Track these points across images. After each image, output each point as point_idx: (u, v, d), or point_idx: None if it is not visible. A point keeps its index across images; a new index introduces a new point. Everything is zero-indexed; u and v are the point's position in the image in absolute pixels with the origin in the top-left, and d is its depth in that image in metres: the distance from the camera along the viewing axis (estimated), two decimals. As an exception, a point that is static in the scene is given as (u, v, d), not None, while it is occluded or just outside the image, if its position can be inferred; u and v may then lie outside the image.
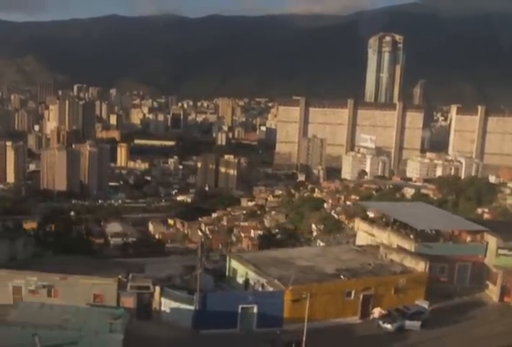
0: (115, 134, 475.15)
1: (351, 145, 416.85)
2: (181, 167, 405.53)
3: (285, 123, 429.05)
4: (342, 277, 45.84)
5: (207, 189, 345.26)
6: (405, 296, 46.83)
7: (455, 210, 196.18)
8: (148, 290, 43.62)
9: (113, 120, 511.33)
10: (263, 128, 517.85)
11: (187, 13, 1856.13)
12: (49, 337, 33.63)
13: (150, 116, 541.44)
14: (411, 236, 52.93)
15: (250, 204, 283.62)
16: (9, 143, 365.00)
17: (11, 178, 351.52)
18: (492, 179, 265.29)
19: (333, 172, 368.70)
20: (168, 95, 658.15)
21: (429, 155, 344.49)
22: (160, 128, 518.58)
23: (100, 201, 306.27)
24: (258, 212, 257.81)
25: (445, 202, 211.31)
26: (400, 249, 51.52)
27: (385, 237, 55.10)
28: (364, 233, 58.37)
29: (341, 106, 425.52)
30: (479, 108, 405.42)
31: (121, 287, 43.72)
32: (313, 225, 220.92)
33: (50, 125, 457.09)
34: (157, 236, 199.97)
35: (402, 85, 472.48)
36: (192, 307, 42.31)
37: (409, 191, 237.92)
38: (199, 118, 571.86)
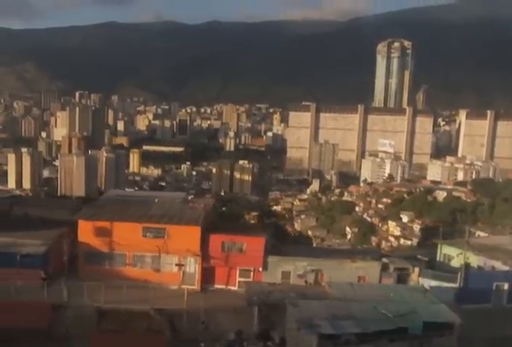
0: (123, 141, 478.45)
1: (362, 150, 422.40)
2: (194, 173, 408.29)
3: (296, 128, 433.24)
4: None
5: (222, 194, 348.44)
6: None
7: (492, 212, 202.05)
8: (407, 271, 48.19)
9: (120, 126, 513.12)
10: (269, 133, 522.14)
11: (185, 20, 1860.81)
12: (389, 309, 36.29)
13: (156, 122, 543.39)
14: None
15: (276, 208, 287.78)
16: (24, 149, 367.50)
17: (27, 184, 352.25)
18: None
19: (345, 177, 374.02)
20: (168, 101, 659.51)
21: (449, 158, 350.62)
22: (166, 134, 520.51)
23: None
24: (286, 215, 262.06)
25: (480, 205, 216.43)
26: None
27: None
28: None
29: (351, 112, 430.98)
30: (489, 112, 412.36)
31: (383, 269, 47.97)
32: (347, 228, 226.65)
33: (58, 131, 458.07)
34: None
35: (410, 91, 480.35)
36: (455, 285, 47.04)
37: (441, 194, 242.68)
38: (205, 125, 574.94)
